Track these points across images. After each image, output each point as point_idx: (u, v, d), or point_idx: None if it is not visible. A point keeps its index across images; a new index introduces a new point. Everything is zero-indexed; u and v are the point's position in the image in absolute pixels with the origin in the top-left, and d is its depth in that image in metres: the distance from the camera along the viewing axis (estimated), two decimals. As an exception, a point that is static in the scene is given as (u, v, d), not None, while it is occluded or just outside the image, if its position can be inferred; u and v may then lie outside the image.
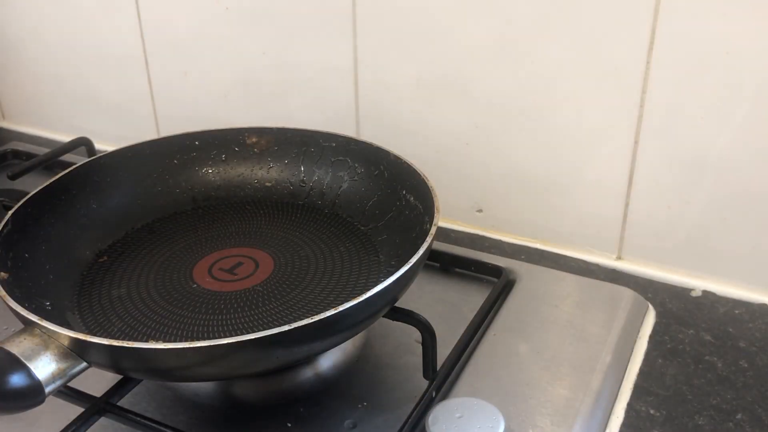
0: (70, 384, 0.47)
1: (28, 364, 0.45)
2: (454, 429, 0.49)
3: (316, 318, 0.45)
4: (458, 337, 0.59)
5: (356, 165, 0.67)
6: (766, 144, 0.62)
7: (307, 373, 0.57)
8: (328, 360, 0.58)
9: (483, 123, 0.72)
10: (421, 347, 0.55)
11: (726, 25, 0.59)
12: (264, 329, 0.44)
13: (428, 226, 0.55)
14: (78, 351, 0.47)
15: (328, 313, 0.46)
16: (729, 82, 0.61)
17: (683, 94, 0.63)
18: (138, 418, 0.52)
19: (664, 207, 0.68)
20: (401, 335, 0.60)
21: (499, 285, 0.66)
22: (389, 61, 0.74)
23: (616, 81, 0.65)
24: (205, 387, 0.57)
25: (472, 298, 0.65)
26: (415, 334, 0.58)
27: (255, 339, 0.44)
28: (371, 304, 0.48)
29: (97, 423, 0.52)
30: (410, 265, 0.50)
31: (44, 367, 0.46)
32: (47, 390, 0.46)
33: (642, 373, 0.59)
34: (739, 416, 0.54)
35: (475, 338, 0.60)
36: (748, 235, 0.65)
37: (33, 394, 0.45)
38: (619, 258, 0.72)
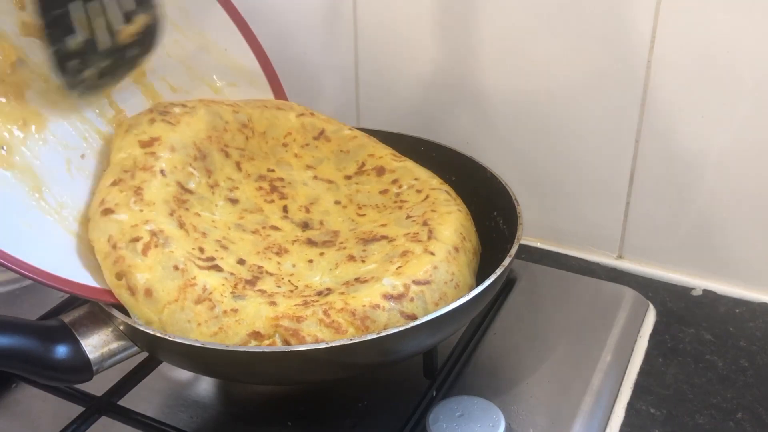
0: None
1: (80, 339, 0.46)
2: (454, 428, 0.49)
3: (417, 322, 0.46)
4: (459, 336, 0.59)
5: (453, 177, 0.63)
6: (766, 143, 0.62)
7: (308, 372, 0.57)
8: (329, 359, 0.58)
9: (483, 123, 0.72)
10: (421, 346, 0.55)
11: (727, 25, 0.59)
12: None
13: (506, 253, 0.54)
14: (131, 336, 0.47)
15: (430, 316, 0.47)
16: (730, 81, 0.61)
17: (684, 93, 0.63)
18: (138, 418, 0.52)
19: (665, 206, 0.68)
20: (402, 334, 0.60)
21: (499, 284, 0.65)
22: (390, 60, 0.74)
23: (617, 80, 0.65)
24: (205, 387, 0.57)
25: (472, 297, 0.65)
26: (415, 333, 0.58)
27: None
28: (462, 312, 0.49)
29: (97, 422, 0.52)
30: (490, 282, 0.51)
31: (95, 345, 0.46)
32: (95, 368, 0.46)
33: (642, 372, 0.59)
34: (739, 415, 0.54)
35: (476, 337, 0.60)
36: (748, 234, 0.65)
37: (80, 370, 0.46)
38: (619, 257, 0.72)
